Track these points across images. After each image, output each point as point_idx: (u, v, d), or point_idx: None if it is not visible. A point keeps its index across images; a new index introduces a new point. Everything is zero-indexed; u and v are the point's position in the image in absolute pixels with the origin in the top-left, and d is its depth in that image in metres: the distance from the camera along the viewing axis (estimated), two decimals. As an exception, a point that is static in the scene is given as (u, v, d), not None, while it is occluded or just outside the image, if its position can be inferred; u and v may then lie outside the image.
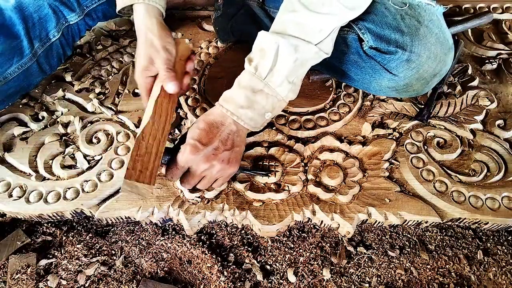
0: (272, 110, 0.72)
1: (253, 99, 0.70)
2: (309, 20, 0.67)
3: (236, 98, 0.70)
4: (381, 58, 0.78)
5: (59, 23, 0.89)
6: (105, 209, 0.80)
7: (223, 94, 0.73)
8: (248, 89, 0.69)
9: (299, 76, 0.72)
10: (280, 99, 0.71)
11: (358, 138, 0.91)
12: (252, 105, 0.70)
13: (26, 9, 0.83)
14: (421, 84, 0.80)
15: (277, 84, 0.69)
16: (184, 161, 0.69)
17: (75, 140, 0.91)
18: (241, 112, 0.70)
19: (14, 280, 0.76)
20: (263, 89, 0.69)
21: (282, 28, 0.69)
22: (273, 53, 0.67)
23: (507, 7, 1.22)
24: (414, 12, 0.76)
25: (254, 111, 0.70)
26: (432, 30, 0.75)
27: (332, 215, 0.79)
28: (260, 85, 0.69)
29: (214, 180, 0.74)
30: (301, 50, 0.68)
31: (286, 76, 0.69)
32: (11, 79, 0.85)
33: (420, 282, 0.79)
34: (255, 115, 0.71)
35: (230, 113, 0.70)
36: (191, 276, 0.80)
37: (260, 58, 0.69)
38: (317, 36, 0.68)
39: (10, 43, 0.82)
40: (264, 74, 0.69)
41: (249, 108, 0.70)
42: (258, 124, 0.74)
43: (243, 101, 0.70)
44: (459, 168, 0.87)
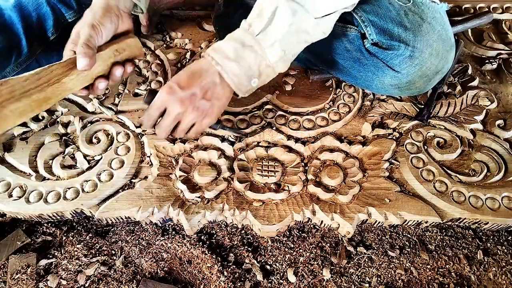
0: (259, 75, 0.70)
1: (241, 54, 0.67)
2: None
3: (225, 48, 0.68)
4: (384, 55, 0.78)
5: (57, 21, 0.88)
6: (105, 209, 0.80)
7: (214, 44, 0.70)
8: (238, 42, 0.68)
9: (293, 47, 0.70)
10: (269, 64, 0.69)
11: (358, 138, 0.91)
12: (239, 59, 0.68)
13: (25, 8, 0.83)
14: (424, 82, 0.81)
15: (267, 44, 0.67)
16: (159, 100, 0.69)
17: (75, 140, 0.91)
18: (227, 64, 0.68)
19: (14, 280, 0.76)
20: (253, 45, 0.67)
21: None
22: (270, 13, 0.66)
23: (507, 7, 1.22)
24: (418, 9, 0.76)
25: (241, 67, 0.68)
26: (435, 27, 0.75)
27: (332, 215, 0.79)
28: (251, 41, 0.67)
29: (189, 127, 0.73)
30: (298, 16, 0.66)
31: (279, 40, 0.67)
32: (10, 79, 0.84)
33: (420, 282, 0.79)
34: (241, 72, 0.69)
35: (215, 62, 0.68)
36: (191, 276, 0.80)
37: (256, 16, 0.67)
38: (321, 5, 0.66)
39: (9, 41, 0.81)
40: (257, 31, 0.67)
41: (236, 62, 0.68)
42: (243, 85, 0.71)
43: (231, 52, 0.68)
44: (459, 168, 0.87)
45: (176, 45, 1.11)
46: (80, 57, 0.67)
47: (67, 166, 0.86)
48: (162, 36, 1.13)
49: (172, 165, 0.86)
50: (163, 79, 1.02)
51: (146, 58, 1.07)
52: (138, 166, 0.86)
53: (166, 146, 0.88)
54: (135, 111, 0.95)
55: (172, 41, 1.12)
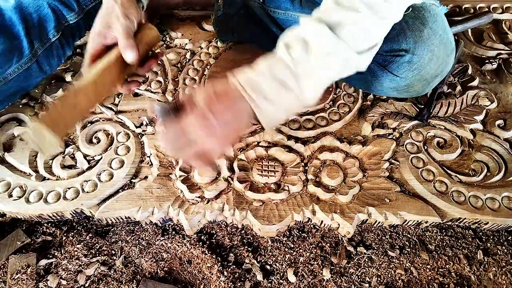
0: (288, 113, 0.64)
1: (281, 95, 0.60)
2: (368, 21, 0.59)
3: (265, 86, 0.59)
4: (383, 59, 0.78)
5: (59, 23, 0.88)
6: (105, 209, 0.80)
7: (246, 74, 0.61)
8: (278, 82, 0.59)
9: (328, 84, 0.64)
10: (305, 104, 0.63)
11: (358, 138, 0.91)
12: (277, 103, 0.60)
13: (26, 9, 0.83)
14: (422, 85, 0.80)
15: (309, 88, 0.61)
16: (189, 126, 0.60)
17: (75, 140, 0.91)
18: (264, 105, 0.60)
19: (14, 280, 0.76)
20: (294, 89, 0.60)
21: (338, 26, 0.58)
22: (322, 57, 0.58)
23: (507, 7, 1.22)
24: (419, 13, 0.75)
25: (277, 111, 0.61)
26: (436, 31, 0.75)
27: (332, 215, 0.79)
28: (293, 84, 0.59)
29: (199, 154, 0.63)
30: (349, 64, 0.60)
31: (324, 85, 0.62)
32: (11, 79, 0.84)
33: (420, 282, 0.79)
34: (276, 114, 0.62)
35: (254, 105, 0.60)
36: (191, 276, 0.80)
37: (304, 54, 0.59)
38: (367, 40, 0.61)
39: (10, 43, 0.81)
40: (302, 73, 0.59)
41: (274, 105, 0.60)
42: (271, 124, 0.64)
43: (271, 94, 0.59)
44: (459, 168, 0.87)
45: (176, 45, 1.11)
46: (129, 51, 0.66)
47: (67, 166, 0.86)
48: (162, 36, 1.13)
49: (172, 165, 0.86)
50: (163, 79, 1.02)
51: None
52: (138, 166, 0.86)
53: (166, 146, 0.88)
54: (135, 111, 0.95)
55: (172, 41, 1.12)
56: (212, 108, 0.59)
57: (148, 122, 0.93)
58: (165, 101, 0.85)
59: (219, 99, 0.60)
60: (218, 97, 0.60)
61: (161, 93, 0.98)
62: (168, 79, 1.02)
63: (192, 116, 0.60)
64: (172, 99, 0.97)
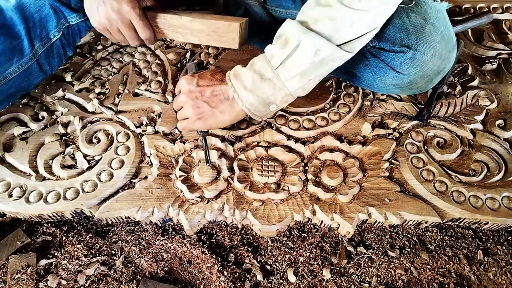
0: (277, 102, 0.73)
1: (259, 86, 0.70)
2: (343, 14, 0.65)
3: (244, 78, 0.71)
4: (385, 56, 0.78)
5: (59, 23, 0.88)
6: (105, 209, 0.80)
7: (236, 67, 0.74)
8: (257, 74, 0.70)
9: (316, 76, 0.71)
10: (288, 93, 0.71)
11: (358, 138, 0.91)
12: (256, 90, 0.70)
13: (27, 10, 0.83)
14: (425, 82, 0.81)
15: (286, 78, 0.69)
16: (179, 83, 0.78)
17: (75, 140, 0.91)
18: (243, 93, 0.71)
19: (14, 280, 0.76)
20: (272, 79, 0.70)
21: (312, 21, 0.67)
22: (292, 48, 0.67)
23: (507, 7, 1.22)
24: (420, 9, 0.75)
25: (257, 97, 0.71)
26: (438, 28, 0.75)
27: (332, 215, 0.79)
28: (270, 74, 0.69)
29: (183, 118, 0.79)
30: (322, 54, 0.66)
31: (298, 74, 0.69)
32: (11, 79, 0.85)
33: (420, 282, 0.79)
34: (257, 102, 0.72)
35: (233, 90, 0.72)
36: (191, 276, 0.80)
37: (280, 47, 0.68)
38: (347, 32, 0.66)
39: (11, 42, 0.82)
40: (277, 64, 0.69)
41: (252, 93, 0.71)
42: (259, 111, 0.74)
43: (249, 83, 0.70)
44: (459, 168, 0.87)
45: (176, 45, 1.11)
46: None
47: (67, 166, 0.86)
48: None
49: (172, 165, 0.86)
50: (163, 79, 1.02)
51: (146, 58, 1.07)
52: (138, 166, 0.86)
53: (166, 146, 0.88)
54: (135, 111, 0.95)
55: (172, 41, 1.12)
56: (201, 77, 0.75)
57: (148, 122, 0.93)
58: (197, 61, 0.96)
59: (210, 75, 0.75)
60: (212, 74, 0.76)
61: (161, 93, 0.98)
62: (168, 79, 1.02)
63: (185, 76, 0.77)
64: (172, 99, 0.97)
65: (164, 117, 0.93)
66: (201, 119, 0.76)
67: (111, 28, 0.78)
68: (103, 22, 0.77)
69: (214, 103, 0.74)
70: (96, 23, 0.79)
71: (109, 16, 0.75)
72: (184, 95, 0.75)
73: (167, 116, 0.93)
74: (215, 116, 0.75)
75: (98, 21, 0.78)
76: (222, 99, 0.74)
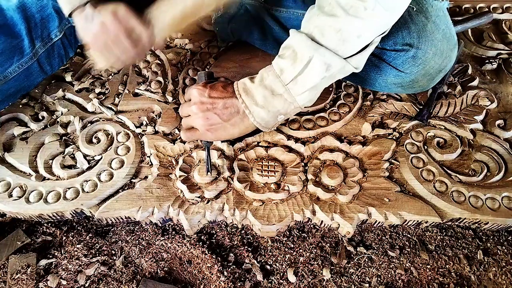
0: (285, 114, 0.72)
1: (270, 101, 0.70)
2: (349, 25, 0.63)
3: (255, 94, 0.70)
4: (387, 55, 0.78)
5: (62, 23, 0.88)
6: (105, 209, 0.80)
7: (245, 82, 0.72)
8: (268, 89, 0.69)
9: (322, 88, 0.71)
10: (297, 106, 0.71)
11: (358, 138, 0.91)
12: (267, 106, 0.70)
13: (29, 9, 0.83)
14: (427, 80, 0.81)
15: (298, 93, 0.69)
16: (189, 92, 0.76)
17: (75, 140, 0.91)
18: (255, 109, 0.71)
19: (14, 280, 0.76)
20: (283, 94, 0.69)
21: (319, 33, 0.65)
22: (304, 64, 0.66)
23: (507, 7, 1.22)
24: (422, 7, 0.76)
25: (268, 112, 0.71)
26: (439, 26, 0.75)
27: (332, 215, 0.79)
28: (281, 89, 0.69)
29: (190, 127, 0.78)
30: (332, 69, 0.66)
31: (309, 89, 0.68)
32: (11, 78, 0.84)
33: (420, 282, 0.79)
34: (268, 116, 0.72)
35: (244, 106, 0.71)
36: (191, 276, 0.80)
37: (290, 62, 0.67)
38: (355, 43, 0.65)
39: (11, 42, 0.82)
40: (288, 80, 0.68)
41: (264, 108, 0.70)
42: (269, 124, 0.74)
43: (260, 100, 0.70)
44: (459, 168, 0.87)
45: (176, 45, 1.11)
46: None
47: (67, 166, 0.86)
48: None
49: (172, 165, 0.86)
50: (163, 79, 1.02)
51: (146, 58, 1.07)
52: (138, 166, 0.86)
53: (166, 146, 0.88)
54: (135, 111, 0.95)
55: (172, 41, 1.12)
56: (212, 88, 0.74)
57: (148, 122, 0.93)
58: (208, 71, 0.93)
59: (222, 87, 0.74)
60: (223, 86, 0.74)
61: (161, 93, 0.98)
62: (168, 79, 1.02)
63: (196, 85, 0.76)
64: (172, 99, 0.97)
65: (164, 117, 0.93)
66: (210, 130, 0.74)
67: (108, 37, 0.74)
68: (99, 32, 0.73)
69: (225, 116, 0.73)
70: (91, 36, 0.75)
71: (106, 22, 0.72)
72: (195, 106, 0.74)
73: (167, 116, 0.93)
74: (225, 128, 0.74)
75: (94, 32, 0.74)
76: (233, 112, 0.73)
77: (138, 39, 0.75)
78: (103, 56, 0.76)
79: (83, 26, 0.75)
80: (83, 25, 0.75)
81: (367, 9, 0.62)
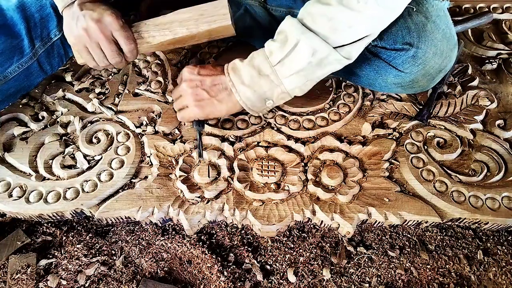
0: (274, 98, 0.74)
1: (257, 81, 0.72)
2: (341, 15, 0.65)
3: (242, 73, 0.73)
4: (387, 55, 0.78)
5: (60, 22, 0.88)
6: (105, 209, 0.80)
7: (235, 61, 0.76)
8: (256, 69, 0.71)
9: (314, 77, 0.72)
10: (284, 90, 0.72)
11: (358, 138, 0.91)
12: (253, 86, 0.72)
13: (28, 9, 0.83)
14: (427, 80, 0.81)
15: (284, 75, 0.70)
16: (182, 72, 0.80)
17: (75, 140, 0.91)
18: (241, 88, 0.73)
19: (14, 280, 0.76)
20: (269, 75, 0.71)
21: (310, 19, 0.67)
22: (291, 47, 0.68)
23: (507, 7, 1.22)
24: (422, 7, 0.76)
25: (254, 93, 0.73)
26: (439, 26, 0.75)
27: (332, 215, 0.79)
28: (268, 70, 0.71)
29: (182, 106, 0.81)
30: (318, 54, 0.67)
31: (296, 72, 0.70)
32: (11, 78, 0.84)
33: (420, 282, 0.79)
34: (254, 97, 0.74)
35: (231, 84, 0.74)
36: (191, 276, 0.80)
37: (280, 44, 0.69)
38: (346, 34, 0.67)
39: (11, 42, 0.81)
40: (275, 62, 0.70)
41: (249, 88, 0.72)
42: (256, 107, 0.76)
43: (247, 79, 0.72)
44: (459, 168, 0.87)
45: (176, 45, 1.11)
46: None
47: (67, 166, 0.86)
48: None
49: (172, 165, 0.86)
50: (163, 79, 1.02)
51: (146, 58, 1.07)
52: (138, 166, 0.86)
53: (166, 146, 0.88)
54: (135, 111, 0.95)
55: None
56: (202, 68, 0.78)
57: (148, 122, 0.93)
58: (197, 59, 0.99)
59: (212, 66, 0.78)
60: (213, 65, 0.78)
61: (161, 93, 0.98)
62: (168, 79, 1.02)
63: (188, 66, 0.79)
64: (172, 99, 0.97)
65: (164, 117, 0.93)
66: (198, 106, 0.77)
67: (89, 43, 0.74)
68: (81, 36, 0.73)
69: (213, 92, 0.76)
70: (73, 38, 0.75)
71: (89, 28, 0.72)
72: (185, 83, 0.77)
73: (167, 116, 0.93)
74: (213, 104, 0.77)
75: (76, 35, 0.74)
76: (221, 89, 0.76)
77: (120, 50, 0.77)
78: (86, 56, 0.78)
79: (68, 24, 0.76)
80: (68, 23, 0.75)
81: (360, 2, 0.64)
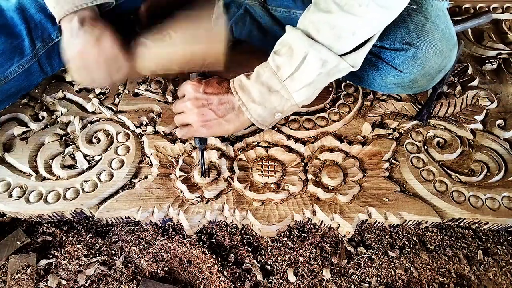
0: (283, 111, 0.72)
1: (267, 98, 0.70)
2: (344, 22, 0.64)
3: (252, 91, 0.70)
4: (386, 55, 0.78)
5: None
6: (105, 209, 0.80)
7: (241, 78, 0.72)
8: (265, 86, 0.69)
9: (321, 86, 0.72)
10: (294, 103, 0.71)
11: (358, 138, 0.91)
12: (264, 103, 0.70)
13: (28, 10, 0.83)
14: (427, 80, 0.81)
15: (295, 89, 0.69)
16: (183, 88, 0.75)
17: (75, 140, 0.91)
18: (252, 106, 0.71)
19: (14, 280, 0.76)
20: (280, 91, 0.69)
21: (314, 30, 0.65)
22: (300, 60, 0.66)
23: (507, 7, 1.22)
24: (421, 7, 0.76)
25: (265, 109, 0.71)
26: (439, 26, 0.75)
27: (332, 215, 0.79)
28: (277, 86, 0.69)
29: (185, 124, 0.77)
30: (328, 65, 0.66)
31: (306, 86, 0.68)
32: (11, 79, 0.84)
33: (420, 282, 0.79)
34: (265, 113, 0.72)
35: (241, 103, 0.71)
36: (191, 276, 0.80)
37: (286, 58, 0.67)
38: (349, 41, 0.66)
39: (11, 42, 0.81)
40: (285, 77, 0.68)
41: (261, 105, 0.70)
42: (266, 122, 0.74)
43: (257, 96, 0.70)
44: (459, 168, 0.87)
45: (176, 45, 1.11)
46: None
47: (67, 166, 0.86)
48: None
49: (172, 165, 0.86)
50: (163, 79, 1.02)
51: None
52: (138, 166, 0.86)
53: (166, 146, 0.88)
54: (135, 111, 0.95)
55: (172, 41, 1.12)
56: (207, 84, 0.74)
57: (148, 122, 0.93)
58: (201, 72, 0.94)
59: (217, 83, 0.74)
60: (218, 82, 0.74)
61: (161, 93, 0.98)
62: (168, 79, 1.02)
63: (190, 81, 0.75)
64: (172, 99, 0.97)
65: (164, 117, 0.93)
66: (205, 126, 0.74)
67: (85, 62, 0.73)
68: (75, 59, 0.72)
69: (220, 112, 0.72)
70: (68, 56, 0.74)
71: (85, 52, 0.71)
72: (190, 102, 0.73)
73: (167, 116, 0.93)
74: (220, 124, 0.74)
75: (70, 56, 0.73)
76: (228, 108, 0.72)
77: (117, 70, 0.75)
78: (79, 75, 0.76)
79: (67, 40, 0.73)
80: (67, 39, 0.73)
81: (362, 5, 0.62)
